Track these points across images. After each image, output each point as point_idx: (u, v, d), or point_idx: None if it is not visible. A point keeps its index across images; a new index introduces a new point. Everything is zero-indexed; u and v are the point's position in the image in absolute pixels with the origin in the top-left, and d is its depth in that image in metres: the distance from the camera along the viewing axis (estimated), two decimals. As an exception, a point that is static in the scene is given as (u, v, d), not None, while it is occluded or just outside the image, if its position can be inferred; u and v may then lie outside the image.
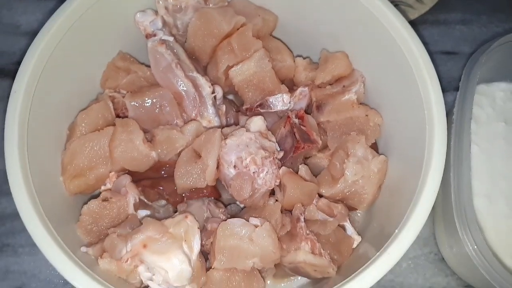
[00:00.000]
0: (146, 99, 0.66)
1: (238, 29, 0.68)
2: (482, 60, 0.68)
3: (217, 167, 0.62)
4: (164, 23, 0.69)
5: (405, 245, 0.53)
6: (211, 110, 0.68)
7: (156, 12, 0.68)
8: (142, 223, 0.57)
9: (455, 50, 0.91)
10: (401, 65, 0.61)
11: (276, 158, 0.63)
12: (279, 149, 0.65)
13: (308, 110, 0.71)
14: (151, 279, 0.56)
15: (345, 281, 0.53)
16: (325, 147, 0.70)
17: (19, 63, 0.59)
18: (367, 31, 0.65)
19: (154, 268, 0.54)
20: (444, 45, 0.91)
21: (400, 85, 0.63)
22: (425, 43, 0.60)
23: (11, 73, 0.87)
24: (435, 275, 0.76)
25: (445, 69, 0.89)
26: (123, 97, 0.68)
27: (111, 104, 0.67)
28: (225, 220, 0.60)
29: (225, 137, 0.63)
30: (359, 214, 0.71)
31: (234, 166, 0.61)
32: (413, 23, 0.70)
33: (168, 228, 0.56)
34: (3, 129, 0.56)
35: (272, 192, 0.66)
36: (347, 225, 0.65)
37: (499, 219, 0.69)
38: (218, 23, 0.66)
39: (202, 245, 0.59)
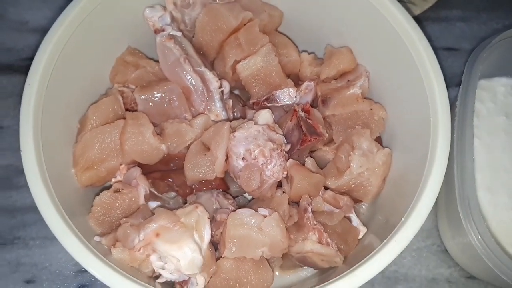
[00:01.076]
0: (155, 93, 0.67)
1: (245, 24, 0.69)
2: (483, 55, 0.69)
3: (226, 160, 0.64)
4: (173, 18, 0.69)
5: (410, 235, 0.54)
6: (218, 104, 0.69)
7: (164, 8, 0.69)
8: (153, 214, 0.58)
9: (456, 46, 0.92)
10: (405, 59, 0.62)
11: (283, 150, 0.64)
12: (286, 142, 0.66)
13: (313, 104, 0.72)
14: (163, 268, 0.56)
15: (351, 269, 0.53)
16: (330, 140, 0.71)
17: (27, 59, 0.60)
18: (371, 27, 0.66)
19: (166, 257, 0.55)
20: (445, 41, 0.92)
21: (404, 79, 0.64)
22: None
23: (20, 69, 0.87)
24: (438, 266, 0.77)
25: (446, 65, 0.90)
26: (132, 91, 0.69)
27: (120, 98, 0.68)
28: (234, 210, 0.61)
29: (233, 130, 0.64)
30: (364, 207, 0.71)
31: (243, 158, 0.62)
32: (415, 20, 0.71)
33: (179, 217, 0.57)
34: (11, 124, 0.56)
35: (279, 185, 0.67)
36: (353, 216, 0.66)
37: (501, 211, 0.70)
38: (225, 18, 0.67)
39: (211, 235, 0.59)
